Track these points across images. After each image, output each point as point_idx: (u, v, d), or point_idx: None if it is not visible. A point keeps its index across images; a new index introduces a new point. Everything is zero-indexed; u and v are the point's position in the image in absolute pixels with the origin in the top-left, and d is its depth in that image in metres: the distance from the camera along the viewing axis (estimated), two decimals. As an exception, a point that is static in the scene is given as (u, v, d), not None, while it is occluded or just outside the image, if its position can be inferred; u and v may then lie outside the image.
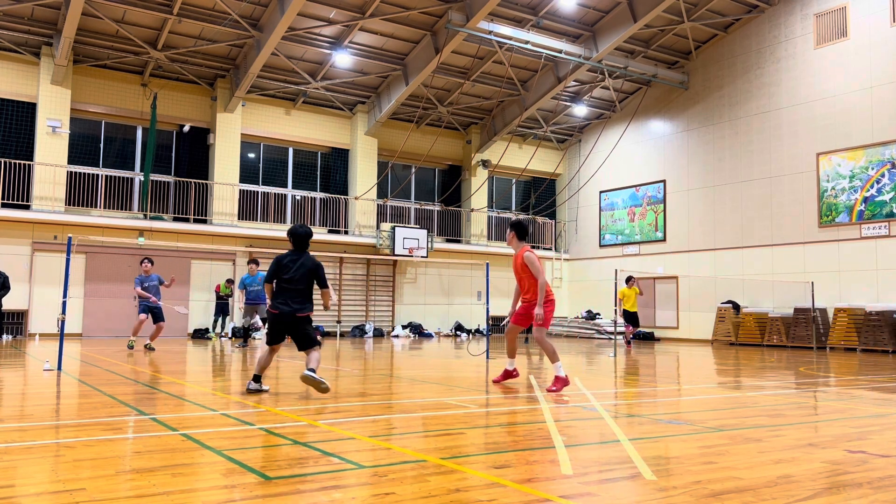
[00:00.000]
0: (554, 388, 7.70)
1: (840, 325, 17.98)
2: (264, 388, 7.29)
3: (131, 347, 13.61)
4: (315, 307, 7.44)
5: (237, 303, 14.77)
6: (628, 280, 17.55)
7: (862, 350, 17.30)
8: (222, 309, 19.49)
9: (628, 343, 18.15)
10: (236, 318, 19.54)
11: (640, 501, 3.39)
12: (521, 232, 8.31)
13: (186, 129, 20.75)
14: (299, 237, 7.42)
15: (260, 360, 7.33)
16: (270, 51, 18.85)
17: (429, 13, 19.37)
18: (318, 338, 7.61)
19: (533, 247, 26.92)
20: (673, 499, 3.41)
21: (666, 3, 18.91)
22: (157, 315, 13.58)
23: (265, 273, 14.99)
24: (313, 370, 6.98)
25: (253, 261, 15.10)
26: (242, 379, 9.22)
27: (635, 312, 17.67)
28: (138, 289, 13.35)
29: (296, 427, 5.30)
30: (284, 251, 7.59)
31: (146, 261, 13.57)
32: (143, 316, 13.43)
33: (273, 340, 7.34)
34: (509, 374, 8.56)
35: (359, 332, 22.24)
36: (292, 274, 7.24)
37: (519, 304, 8.38)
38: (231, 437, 4.94)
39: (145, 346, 13.82)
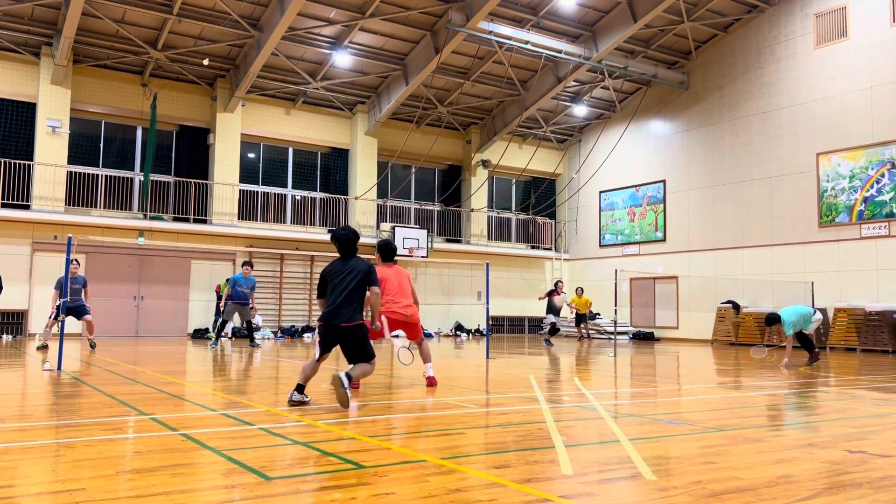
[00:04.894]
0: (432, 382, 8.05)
1: (840, 325, 17.98)
2: (307, 398, 6.44)
3: (45, 348, 13.09)
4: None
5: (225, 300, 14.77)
6: (578, 290, 21.18)
7: (862, 350, 17.29)
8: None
9: (589, 338, 21.52)
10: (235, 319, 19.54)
11: (640, 501, 3.39)
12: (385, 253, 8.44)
13: (206, 62, 19.94)
14: (341, 241, 6.84)
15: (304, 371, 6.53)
16: (270, 51, 18.84)
17: (429, 13, 19.36)
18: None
19: (533, 247, 26.98)
20: (673, 499, 3.41)
21: (666, 3, 18.90)
22: (80, 311, 13.13)
23: (255, 278, 15.11)
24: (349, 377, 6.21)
25: (248, 263, 15.11)
26: (243, 379, 9.21)
27: (585, 314, 21.03)
28: (56, 291, 12.67)
29: (296, 427, 5.30)
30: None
31: (76, 261, 13.11)
32: (52, 321, 12.81)
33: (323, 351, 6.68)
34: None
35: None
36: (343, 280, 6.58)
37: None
38: (231, 437, 4.94)
39: (90, 344, 13.45)
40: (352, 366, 6.49)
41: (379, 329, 6.78)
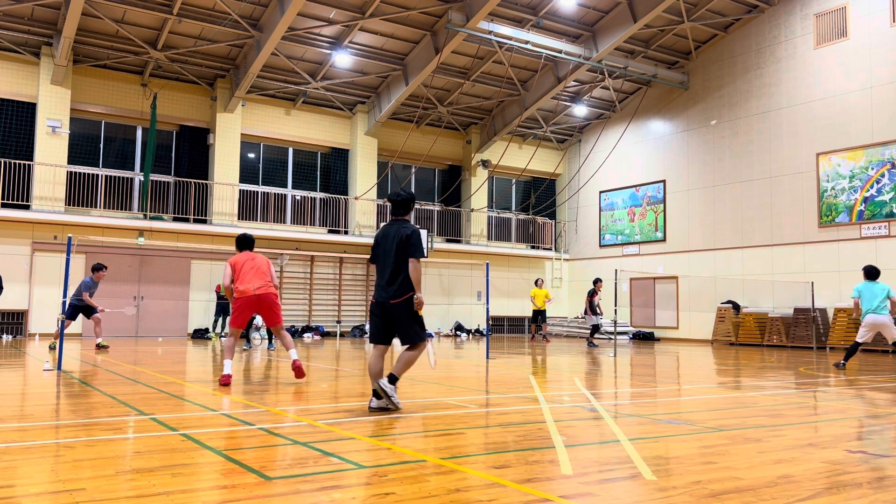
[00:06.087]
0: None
1: (840, 325, 17.98)
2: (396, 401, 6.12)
3: (53, 349, 13.14)
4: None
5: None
6: (537, 281, 20.31)
7: (862, 350, 17.26)
8: (223, 309, 19.46)
9: (545, 338, 20.32)
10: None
11: (640, 501, 3.38)
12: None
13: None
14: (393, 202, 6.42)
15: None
16: (270, 51, 18.84)
17: (429, 13, 19.36)
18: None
19: (533, 247, 26.95)
20: (673, 499, 3.41)
21: (666, 3, 18.90)
22: (88, 310, 13.58)
23: None
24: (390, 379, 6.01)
25: None
26: (243, 378, 9.21)
27: (543, 311, 19.89)
28: (86, 294, 13.38)
29: (296, 427, 5.30)
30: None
31: (104, 268, 13.60)
32: (69, 321, 13.14)
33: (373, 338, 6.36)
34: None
35: (359, 332, 22.23)
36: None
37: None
38: (231, 437, 4.94)
39: (97, 345, 13.59)
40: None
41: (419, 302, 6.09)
